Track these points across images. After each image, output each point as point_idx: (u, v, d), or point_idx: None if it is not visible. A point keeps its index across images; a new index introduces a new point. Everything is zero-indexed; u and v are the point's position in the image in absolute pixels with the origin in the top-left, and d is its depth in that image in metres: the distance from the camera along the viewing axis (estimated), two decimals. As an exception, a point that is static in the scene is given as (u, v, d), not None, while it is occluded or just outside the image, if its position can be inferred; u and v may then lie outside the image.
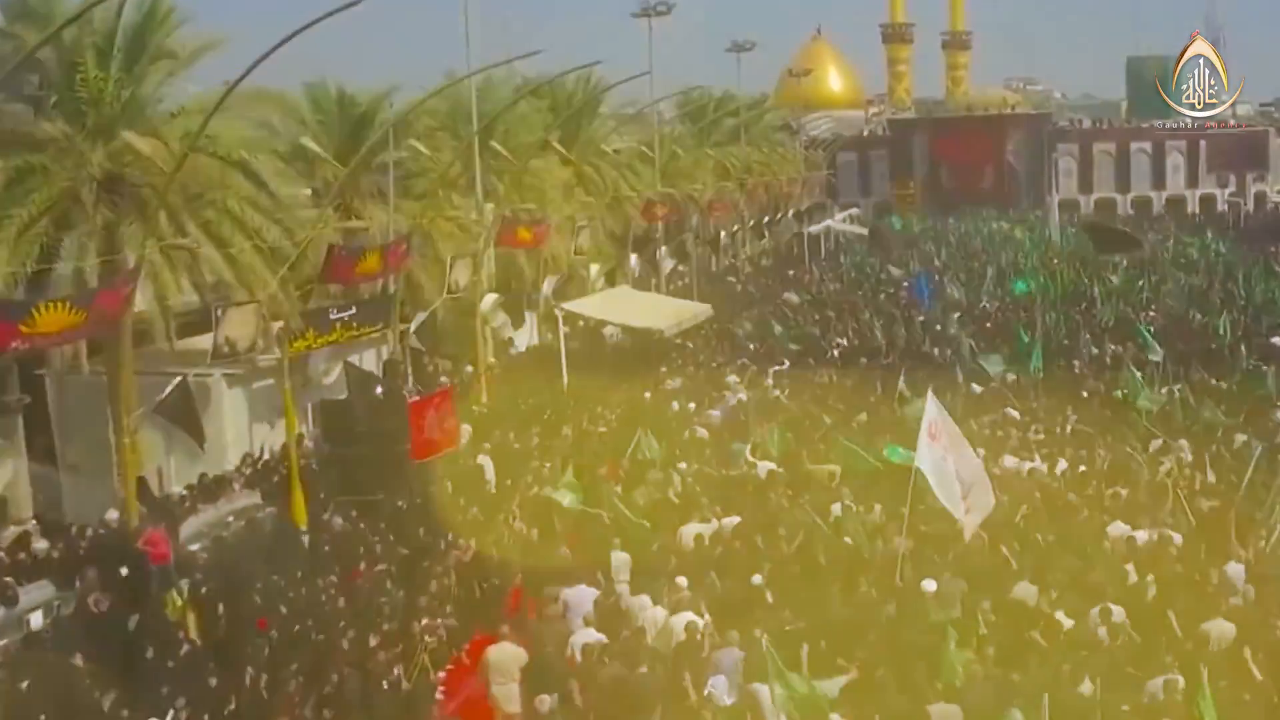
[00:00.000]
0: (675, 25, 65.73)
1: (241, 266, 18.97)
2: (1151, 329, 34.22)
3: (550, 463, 21.71)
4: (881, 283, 50.14)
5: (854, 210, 78.92)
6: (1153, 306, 39.86)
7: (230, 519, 18.26)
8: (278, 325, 20.26)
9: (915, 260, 56.28)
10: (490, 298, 29.21)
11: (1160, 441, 21.52)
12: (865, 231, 66.65)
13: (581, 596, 15.17)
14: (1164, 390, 25.75)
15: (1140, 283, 45.73)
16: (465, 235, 28.33)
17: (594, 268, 36.43)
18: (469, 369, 27.93)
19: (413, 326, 26.43)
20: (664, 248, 44.85)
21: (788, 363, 32.14)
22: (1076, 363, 30.16)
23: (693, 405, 26.92)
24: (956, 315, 38.16)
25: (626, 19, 48.42)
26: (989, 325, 36.89)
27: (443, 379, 27.13)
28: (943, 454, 15.53)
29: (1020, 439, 22.49)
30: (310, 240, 20.00)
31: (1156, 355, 27.84)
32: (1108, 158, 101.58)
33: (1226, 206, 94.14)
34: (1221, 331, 33.05)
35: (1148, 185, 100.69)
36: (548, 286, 32.96)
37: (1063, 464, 20.50)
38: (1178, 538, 16.46)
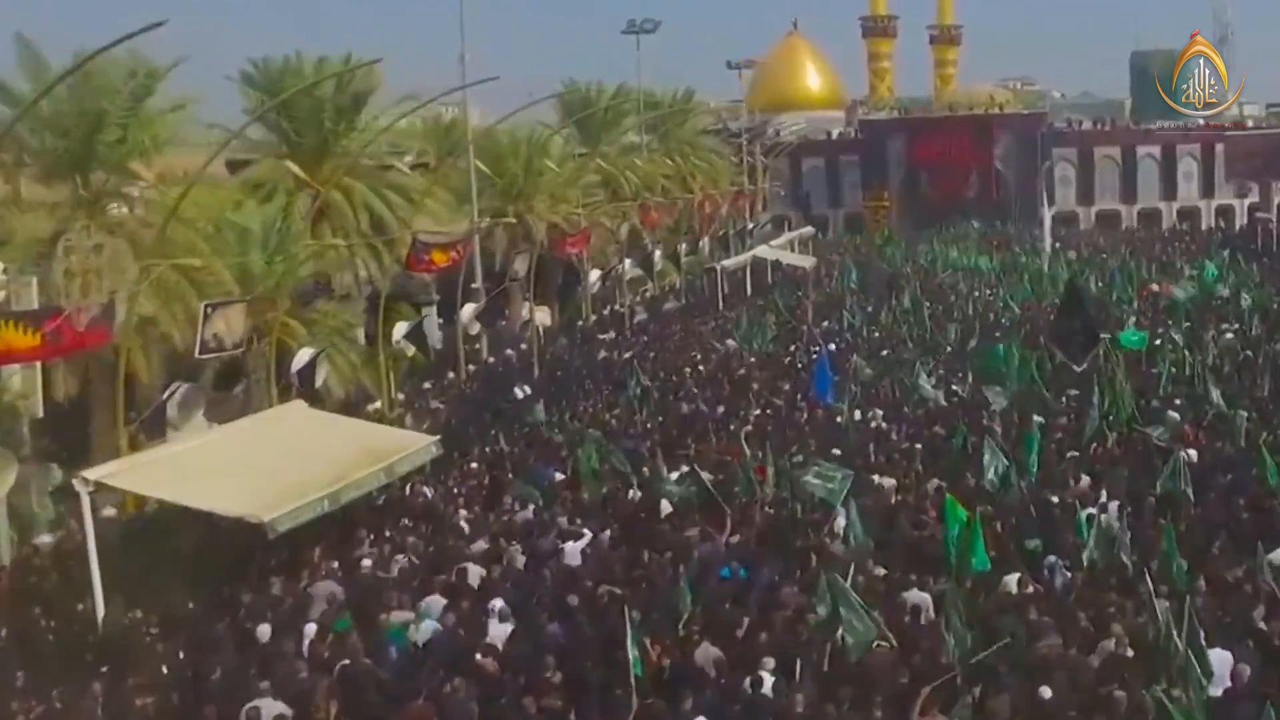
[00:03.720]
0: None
1: None
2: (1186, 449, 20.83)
3: None
4: (799, 344, 36.21)
5: (805, 230, 64.96)
6: (1178, 399, 25.66)
7: None
8: None
9: (852, 307, 42.15)
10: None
11: None
12: (808, 264, 52.53)
13: None
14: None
15: (1158, 341, 32.06)
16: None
17: (304, 354, 22.75)
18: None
19: None
20: (469, 305, 31.15)
21: (589, 533, 18.20)
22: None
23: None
24: (873, 423, 24.19)
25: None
26: (922, 446, 22.71)
27: None
28: None
29: None
30: None
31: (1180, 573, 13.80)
32: (1110, 164, 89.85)
33: (1248, 220, 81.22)
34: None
35: (1156, 196, 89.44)
36: (174, 396, 19.43)
37: None
38: None
